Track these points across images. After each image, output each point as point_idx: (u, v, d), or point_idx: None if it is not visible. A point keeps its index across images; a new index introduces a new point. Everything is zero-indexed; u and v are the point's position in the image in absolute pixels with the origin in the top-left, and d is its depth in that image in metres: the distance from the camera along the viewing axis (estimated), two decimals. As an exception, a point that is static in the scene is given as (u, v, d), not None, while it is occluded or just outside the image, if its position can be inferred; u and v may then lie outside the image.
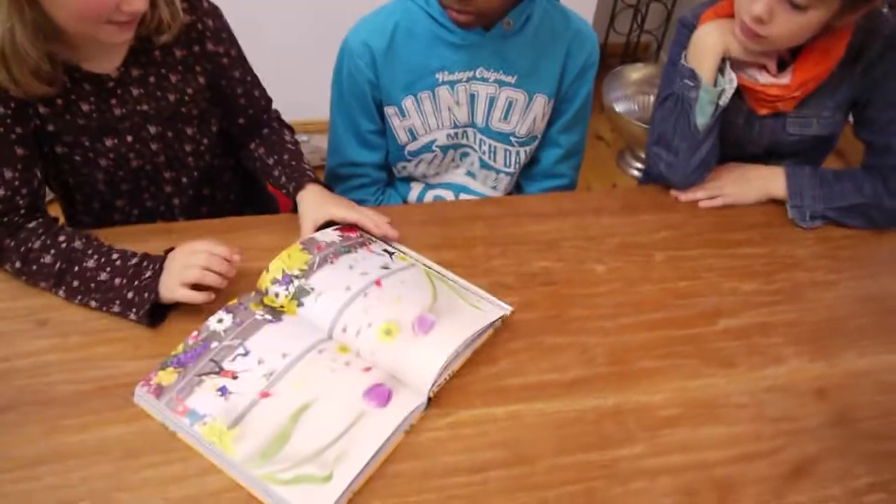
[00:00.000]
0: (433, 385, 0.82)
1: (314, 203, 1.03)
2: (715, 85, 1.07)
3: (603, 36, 2.82)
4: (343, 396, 0.81)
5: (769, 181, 1.17)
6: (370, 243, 1.01)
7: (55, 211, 1.07)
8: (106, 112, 0.99)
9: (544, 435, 0.82)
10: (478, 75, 1.15)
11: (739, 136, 1.16)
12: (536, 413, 0.84)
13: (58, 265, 0.91)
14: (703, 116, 1.09)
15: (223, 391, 0.80)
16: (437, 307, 0.89)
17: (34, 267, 0.91)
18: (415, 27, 1.13)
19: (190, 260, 0.89)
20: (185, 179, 1.13)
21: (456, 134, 1.22)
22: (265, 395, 0.80)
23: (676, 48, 1.15)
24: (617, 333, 0.95)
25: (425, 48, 1.14)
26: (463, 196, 1.31)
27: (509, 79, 1.16)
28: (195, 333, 0.86)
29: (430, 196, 1.32)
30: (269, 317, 0.89)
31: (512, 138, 1.22)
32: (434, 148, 1.24)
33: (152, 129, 1.04)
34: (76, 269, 0.91)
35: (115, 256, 0.92)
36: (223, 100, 1.12)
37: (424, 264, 1.00)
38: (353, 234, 1.01)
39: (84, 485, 0.73)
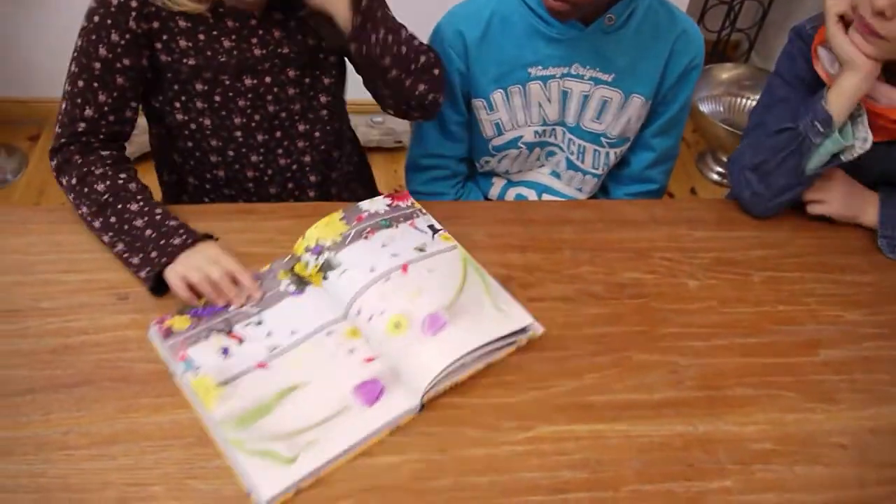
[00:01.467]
0: (427, 390, 0.80)
1: None
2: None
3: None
4: (333, 386, 0.81)
5: (867, 210, 1.10)
6: (417, 217, 1.00)
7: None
8: (246, 51, 1.01)
9: (628, 458, 0.79)
10: (573, 72, 1.12)
11: (847, 164, 1.08)
12: (620, 435, 0.81)
13: (106, 196, 0.94)
14: (816, 163, 1.02)
15: (225, 352, 0.83)
16: (457, 304, 0.87)
17: (85, 189, 0.95)
18: (511, 18, 1.10)
19: (209, 267, 0.88)
20: (317, 134, 1.14)
21: (544, 132, 1.19)
22: (262, 365, 0.82)
23: (786, 60, 1.09)
24: (709, 355, 0.91)
25: (520, 41, 1.11)
26: (546, 197, 1.28)
27: (606, 77, 1.12)
28: None
29: (511, 194, 1.29)
30: (292, 288, 0.91)
31: (603, 139, 1.19)
32: (520, 145, 1.21)
33: (291, 73, 1.05)
34: (119, 206, 0.93)
35: (158, 210, 0.94)
36: None
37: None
38: (402, 203, 1.01)
39: (157, 468, 0.73)
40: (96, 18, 0.95)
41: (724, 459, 0.80)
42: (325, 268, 0.91)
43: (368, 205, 1.00)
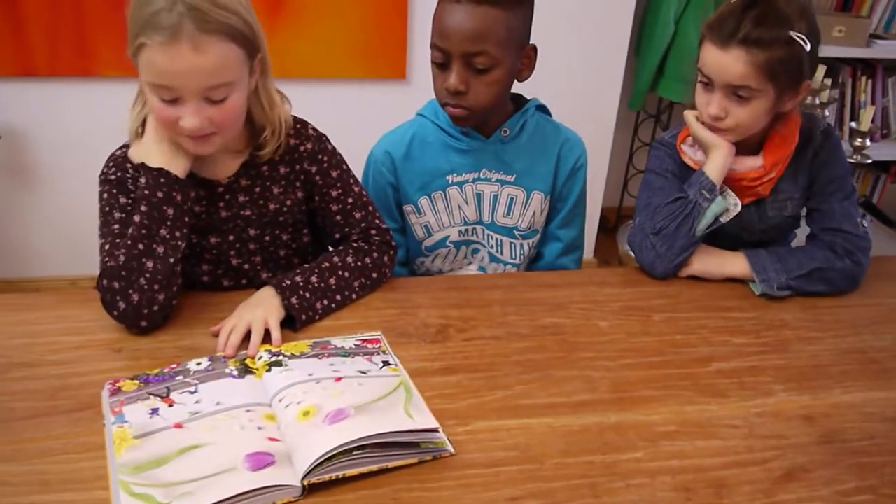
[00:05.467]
0: (307, 472, 0.90)
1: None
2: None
3: (618, 199, 3.39)
4: (230, 449, 0.94)
5: (726, 264, 1.45)
6: (376, 355, 1.15)
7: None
8: (214, 213, 1.29)
9: (552, 441, 1.02)
10: (482, 176, 1.48)
11: (730, 228, 1.45)
12: (545, 426, 1.05)
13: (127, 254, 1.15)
14: (704, 225, 1.40)
15: (153, 412, 0.99)
16: (370, 406, 1.01)
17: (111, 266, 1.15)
18: (428, 137, 1.49)
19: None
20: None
21: (466, 230, 1.53)
22: (178, 426, 0.97)
23: (656, 161, 1.51)
24: (619, 370, 1.17)
25: (437, 154, 1.48)
26: (475, 288, 1.59)
27: (509, 178, 1.49)
28: (174, 365, 1.09)
29: (445, 289, 1.60)
30: (235, 372, 1.09)
31: (515, 231, 1.53)
32: (448, 244, 1.54)
33: (252, 232, 1.32)
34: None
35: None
36: (320, 214, 1.38)
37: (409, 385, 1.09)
38: (370, 346, 1.18)
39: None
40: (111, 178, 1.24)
41: (634, 439, 1.04)
42: (273, 364, 1.09)
43: (339, 341, 1.18)
